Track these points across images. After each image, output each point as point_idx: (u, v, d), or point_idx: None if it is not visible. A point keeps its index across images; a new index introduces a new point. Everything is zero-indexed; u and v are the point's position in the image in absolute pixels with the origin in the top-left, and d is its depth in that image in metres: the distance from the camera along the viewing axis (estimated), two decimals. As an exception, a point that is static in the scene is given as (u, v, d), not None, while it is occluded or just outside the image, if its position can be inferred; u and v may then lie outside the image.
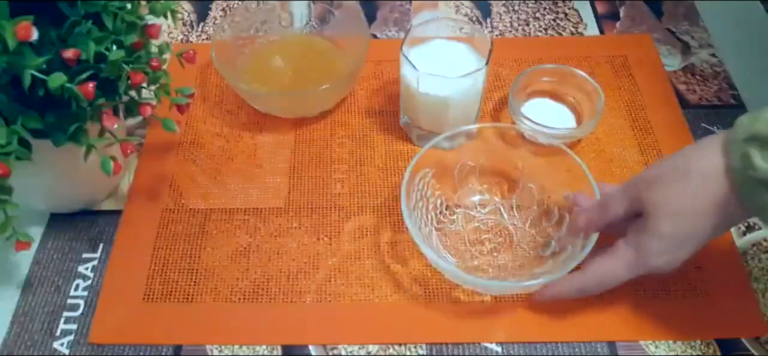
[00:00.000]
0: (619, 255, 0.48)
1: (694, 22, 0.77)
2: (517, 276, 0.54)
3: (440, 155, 0.57)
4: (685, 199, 0.44)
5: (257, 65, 0.69)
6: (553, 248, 0.55)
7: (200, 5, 0.81)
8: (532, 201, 0.58)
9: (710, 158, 0.44)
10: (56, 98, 0.45)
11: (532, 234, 0.57)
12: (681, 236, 0.45)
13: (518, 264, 0.55)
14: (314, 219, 0.59)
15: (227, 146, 0.65)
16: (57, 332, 0.53)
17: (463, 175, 0.59)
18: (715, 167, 0.43)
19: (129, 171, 0.63)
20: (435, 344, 0.51)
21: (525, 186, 0.59)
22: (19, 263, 0.57)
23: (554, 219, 0.56)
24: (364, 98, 0.69)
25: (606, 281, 0.49)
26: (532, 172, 0.58)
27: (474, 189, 0.60)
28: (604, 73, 0.71)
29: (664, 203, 0.45)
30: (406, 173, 0.54)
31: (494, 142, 0.59)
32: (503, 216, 0.58)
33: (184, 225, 0.59)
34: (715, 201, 0.43)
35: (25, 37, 0.40)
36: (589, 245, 0.49)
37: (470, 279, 0.51)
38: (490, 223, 0.58)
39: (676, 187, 0.45)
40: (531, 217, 0.58)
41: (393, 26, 0.78)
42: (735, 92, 0.70)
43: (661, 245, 0.46)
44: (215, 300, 0.54)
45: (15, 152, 0.44)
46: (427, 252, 0.50)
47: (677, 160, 0.46)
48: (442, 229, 0.57)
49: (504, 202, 0.59)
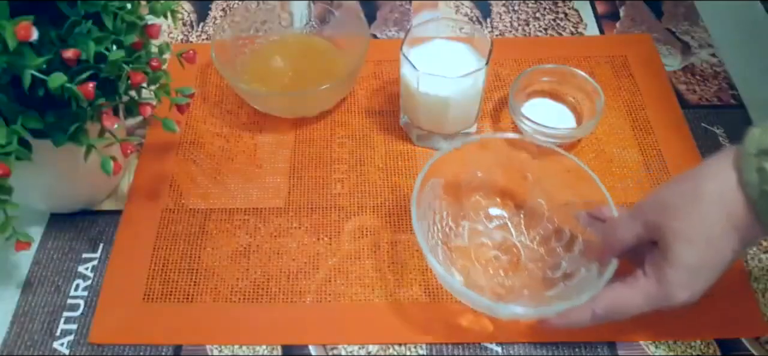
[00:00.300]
0: (638, 287, 0.45)
1: (694, 22, 0.77)
2: (526, 298, 0.51)
3: (449, 166, 0.55)
4: (701, 224, 0.42)
5: (257, 65, 0.69)
6: (563, 270, 0.52)
7: (200, 5, 0.81)
8: (542, 218, 0.56)
9: (722, 177, 0.41)
10: (56, 98, 0.45)
11: (541, 253, 0.54)
12: (703, 264, 0.43)
13: (526, 284, 0.52)
14: (314, 219, 0.59)
15: (227, 146, 0.65)
16: (57, 332, 0.53)
17: (471, 188, 0.57)
18: (728, 186, 0.41)
19: (129, 171, 0.63)
20: (435, 344, 0.51)
21: (535, 202, 0.56)
22: (19, 263, 0.57)
23: (565, 239, 0.54)
24: (364, 98, 0.69)
25: (623, 313, 0.46)
26: (543, 188, 0.56)
27: (482, 203, 0.58)
28: (604, 73, 0.71)
29: (681, 230, 0.42)
30: (416, 184, 0.51)
31: (504, 154, 0.56)
32: (511, 232, 0.56)
33: (184, 225, 0.59)
34: (732, 222, 0.41)
35: (25, 37, 0.40)
36: (608, 273, 0.46)
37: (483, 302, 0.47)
38: (497, 240, 0.56)
39: (690, 212, 0.42)
40: (540, 235, 0.55)
41: (393, 26, 0.78)
42: (735, 92, 0.70)
43: (684, 276, 0.43)
44: (215, 300, 0.54)
45: (15, 152, 0.44)
46: (437, 269, 0.47)
47: (686, 184, 0.43)
48: (448, 243, 0.55)
49: (512, 218, 0.57)
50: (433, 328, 0.52)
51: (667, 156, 0.63)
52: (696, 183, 0.43)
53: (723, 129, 0.66)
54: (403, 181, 0.62)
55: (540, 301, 0.50)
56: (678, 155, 0.63)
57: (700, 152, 0.63)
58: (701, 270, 0.43)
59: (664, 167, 0.62)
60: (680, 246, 0.42)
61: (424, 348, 0.51)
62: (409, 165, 0.63)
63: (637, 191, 0.61)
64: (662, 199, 0.44)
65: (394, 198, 0.61)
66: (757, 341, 0.51)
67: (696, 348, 0.51)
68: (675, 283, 0.43)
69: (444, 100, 0.59)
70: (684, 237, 0.42)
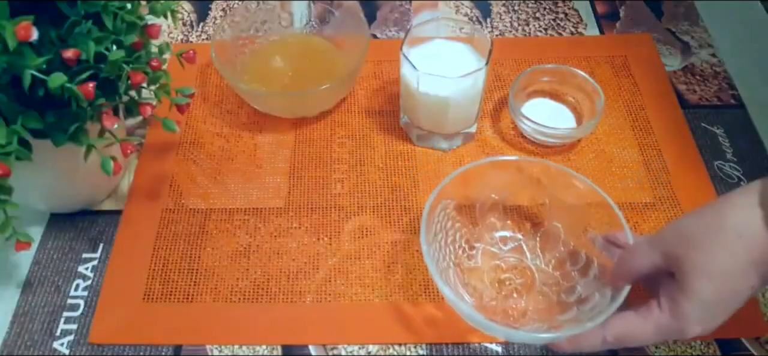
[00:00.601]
0: (651, 318, 0.44)
1: (694, 22, 0.77)
2: (538, 322, 0.50)
3: (460, 188, 0.54)
4: (722, 260, 0.40)
5: (257, 65, 0.69)
6: (578, 294, 0.51)
7: (200, 5, 0.81)
8: (558, 241, 0.55)
9: (746, 213, 0.40)
10: (56, 98, 0.45)
11: (557, 277, 0.53)
12: (720, 299, 0.41)
13: (540, 308, 0.52)
14: (314, 219, 0.59)
15: (227, 146, 0.65)
16: (57, 332, 0.53)
17: (485, 209, 0.56)
18: (753, 223, 0.40)
19: (129, 171, 0.63)
20: (435, 344, 0.51)
21: (550, 225, 0.55)
22: (19, 263, 0.57)
23: (581, 263, 0.53)
24: (364, 98, 0.69)
25: (634, 341, 0.45)
26: (559, 211, 0.55)
27: (496, 225, 0.56)
28: (604, 73, 0.71)
29: (701, 264, 0.41)
30: (427, 205, 0.50)
31: (518, 176, 0.55)
32: (526, 254, 0.55)
33: (184, 225, 0.59)
34: (753, 260, 0.40)
35: (25, 37, 0.40)
36: (620, 298, 0.45)
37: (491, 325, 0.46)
38: (511, 262, 0.55)
39: (711, 246, 0.41)
40: (555, 259, 0.54)
41: (393, 26, 0.78)
42: (735, 92, 0.70)
43: (700, 311, 0.42)
44: (215, 300, 0.54)
45: (15, 152, 0.44)
46: (446, 292, 0.46)
47: (709, 216, 0.42)
48: (460, 265, 0.54)
49: (527, 241, 0.56)
50: (434, 328, 0.52)
51: (667, 156, 0.63)
52: (719, 216, 0.41)
53: (723, 129, 0.66)
54: (403, 181, 0.62)
55: (551, 325, 0.49)
56: (678, 155, 0.63)
57: (700, 152, 0.63)
58: (718, 305, 0.42)
59: (664, 167, 0.62)
60: (698, 281, 0.41)
61: (424, 348, 0.51)
62: (409, 165, 0.63)
63: (637, 191, 0.61)
64: (683, 230, 0.43)
65: (394, 198, 0.61)
66: (757, 341, 0.51)
67: (696, 348, 0.51)
68: (690, 318, 0.42)
69: (444, 100, 0.59)
70: (703, 271, 0.41)
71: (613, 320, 0.45)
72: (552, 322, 0.50)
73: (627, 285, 0.46)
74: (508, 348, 0.51)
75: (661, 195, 0.60)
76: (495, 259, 0.55)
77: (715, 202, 0.43)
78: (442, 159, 0.63)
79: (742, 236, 0.40)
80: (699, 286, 0.41)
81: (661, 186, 0.61)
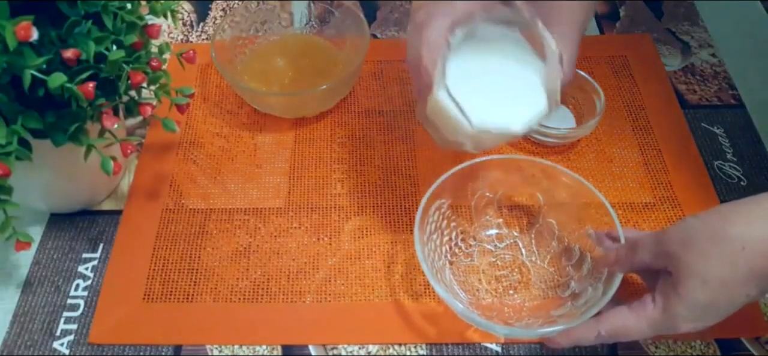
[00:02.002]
0: (645, 314, 0.44)
1: (694, 22, 0.77)
2: (533, 317, 0.51)
3: (453, 188, 0.54)
4: (722, 268, 0.40)
5: (257, 65, 0.69)
6: (572, 290, 0.52)
7: (200, 5, 0.81)
8: (552, 237, 0.55)
9: (750, 225, 0.40)
10: (56, 98, 0.45)
11: (551, 272, 0.54)
12: (713, 304, 0.42)
13: (535, 304, 0.52)
14: (314, 219, 0.59)
15: (227, 146, 0.65)
16: (57, 332, 0.53)
17: (481, 207, 0.57)
18: (757, 235, 0.39)
19: (129, 171, 0.63)
20: (435, 344, 0.51)
21: (545, 221, 0.56)
22: (19, 263, 0.57)
23: (575, 258, 0.53)
24: (364, 98, 0.69)
25: (627, 335, 0.45)
26: (553, 207, 0.55)
27: (491, 222, 0.57)
28: (604, 73, 0.71)
29: (699, 269, 0.41)
30: (421, 205, 0.51)
31: (514, 173, 0.56)
32: (521, 251, 0.56)
33: (184, 225, 0.59)
34: (753, 271, 0.40)
35: (25, 37, 0.40)
36: (611, 291, 0.46)
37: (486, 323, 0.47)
38: (507, 259, 0.55)
39: (711, 252, 0.41)
40: (550, 254, 0.55)
41: (393, 26, 0.78)
42: (735, 92, 0.70)
43: (692, 312, 0.42)
44: (215, 300, 0.54)
45: (15, 152, 0.44)
46: (439, 291, 0.47)
47: (714, 222, 0.42)
48: (456, 263, 0.55)
49: (522, 237, 0.57)
50: (434, 328, 0.52)
51: (667, 156, 0.63)
52: (723, 223, 0.41)
53: (723, 129, 0.66)
54: (403, 181, 0.62)
55: (545, 320, 0.50)
56: (678, 155, 0.63)
57: (700, 152, 0.63)
58: (711, 309, 0.42)
59: (664, 167, 0.62)
60: (693, 284, 0.41)
61: (424, 348, 0.51)
62: (409, 165, 0.63)
63: (637, 191, 0.61)
64: (687, 232, 0.43)
65: (394, 198, 0.60)
66: (757, 341, 0.51)
67: (696, 348, 0.51)
68: (681, 317, 0.43)
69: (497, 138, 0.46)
70: (700, 276, 0.41)
71: (608, 314, 0.45)
72: (547, 318, 0.50)
73: (618, 277, 0.47)
74: (507, 348, 0.51)
75: (661, 196, 0.60)
76: (491, 257, 0.56)
77: (722, 207, 0.42)
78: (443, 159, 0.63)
79: (745, 247, 0.40)
80: (694, 290, 0.41)
81: (661, 186, 0.61)
